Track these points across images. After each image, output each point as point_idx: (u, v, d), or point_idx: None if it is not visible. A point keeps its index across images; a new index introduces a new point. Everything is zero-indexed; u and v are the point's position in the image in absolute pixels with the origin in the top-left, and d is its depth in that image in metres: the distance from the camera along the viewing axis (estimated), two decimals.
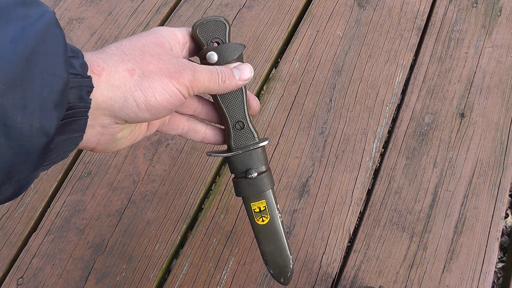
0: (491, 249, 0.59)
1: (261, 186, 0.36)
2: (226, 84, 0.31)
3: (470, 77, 0.71)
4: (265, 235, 0.37)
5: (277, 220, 0.37)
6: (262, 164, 0.36)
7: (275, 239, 0.37)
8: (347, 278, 0.58)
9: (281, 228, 0.37)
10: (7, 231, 0.60)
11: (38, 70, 0.21)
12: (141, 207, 0.62)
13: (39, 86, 0.21)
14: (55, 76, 0.22)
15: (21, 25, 0.21)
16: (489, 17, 0.76)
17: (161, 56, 0.28)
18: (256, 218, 0.37)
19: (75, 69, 0.24)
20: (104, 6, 0.79)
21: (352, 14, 0.77)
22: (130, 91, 0.27)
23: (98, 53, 0.27)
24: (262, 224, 0.37)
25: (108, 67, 0.26)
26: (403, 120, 0.68)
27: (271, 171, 0.38)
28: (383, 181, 0.64)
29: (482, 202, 0.62)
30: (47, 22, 0.22)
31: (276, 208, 0.37)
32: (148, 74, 0.27)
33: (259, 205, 0.36)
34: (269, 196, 0.36)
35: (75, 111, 0.24)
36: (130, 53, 0.27)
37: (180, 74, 0.28)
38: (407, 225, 0.61)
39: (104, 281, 0.58)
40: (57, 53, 0.22)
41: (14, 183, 0.22)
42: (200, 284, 0.58)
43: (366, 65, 0.72)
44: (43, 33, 0.22)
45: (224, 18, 0.33)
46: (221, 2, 0.79)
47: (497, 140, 0.66)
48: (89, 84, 0.25)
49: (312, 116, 0.68)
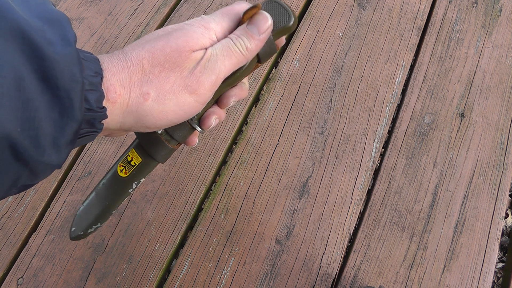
0: (491, 249, 0.59)
1: (154, 148, 0.32)
2: (251, 49, 0.27)
3: (470, 77, 0.71)
4: (109, 184, 0.34)
5: (129, 184, 0.34)
6: (177, 138, 0.32)
7: (112, 196, 0.34)
8: (347, 278, 0.58)
9: (125, 194, 0.34)
10: (7, 231, 0.60)
11: (51, 113, 0.21)
12: (141, 207, 0.62)
13: (52, 128, 0.21)
14: (68, 119, 0.21)
15: (40, 56, 0.20)
16: (489, 17, 0.76)
17: (182, 67, 0.26)
18: (121, 163, 0.34)
19: (89, 105, 0.23)
20: (104, 6, 0.79)
21: (352, 14, 0.77)
22: (141, 116, 0.26)
23: (119, 70, 0.25)
24: (118, 174, 0.34)
25: (124, 93, 0.25)
26: (403, 120, 0.68)
27: (175, 151, 0.35)
28: (383, 181, 0.64)
29: (482, 202, 0.62)
30: (67, 59, 0.21)
31: (142, 177, 0.34)
32: (164, 95, 0.26)
33: (135, 157, 0.33)
34: (149, 162, 0.33)
35: (85, 136, 0.24)
36: (150, 71, 0.26)
37: (199, 83, 0.26)
38: (407, 225, 0.61)
39: (104, 281, 0.58)
40: (72, 97, 0.21)
41: (20, 187, 0.23)
42: (200, 284, 0.58)
43: (366, 65, 0.72)
44: (61, 72, 0.21)
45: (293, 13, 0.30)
46: (221, 2, 0.79)
47: (497, 140, 0.66)
48: (103, 117, 0.24)
49: (312, 116, 0.68)
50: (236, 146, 0.66)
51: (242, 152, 0.66)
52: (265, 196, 0.63)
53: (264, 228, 0.60)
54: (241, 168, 0.65)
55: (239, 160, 0.65)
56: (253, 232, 0.60)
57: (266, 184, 0.63)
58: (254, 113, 0.69)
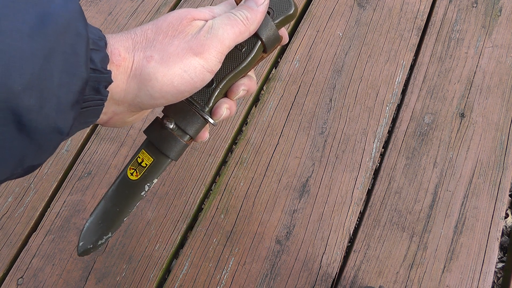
0: (491, 249, 0.59)
1: (166, 144, 0.31)
2: (250, 19, 0.28)
3: (470, 77, 0.71)
4: (119, 190, 0.32)
5: (141, 187, 0.32)
6: (190, 132, 0.31)
7: (123, 201, 0.32)
8: (347, 278, 0.58)
9: (137, 198, 0.32)
10: (7, 231, 0.60)
11: (56, 70, 0.20)
12: (141, 207, 0.62)
13: (56, 86, 0.20)
14: (74, 76, 0.21)
15: (41, 12, 0.19)
16: (489, 17, 0.76)
17: (185, 33, 0.26)
18: (130, 166, 0.32)
19: (94, 64, 0.22)
20: (104, 6, 0.79)
21: (352, 14, 0.77)
22: (145, 80, 0.25)
23: (123, 39, 0.26)
24: (129, 177, 0.32)
25: (128, 57, 0.25)
26: (403, 120, 0.68)
27: (188, 147, 0.33)
28: (383, 181, 0.64)
29: (482, 202, 0.62)
30: (70, 14, 0.20)
31: (154, 178, 0.32)
32: (168, 57, 0.25)
33: (146, 158, 0.32)
34: (161, 161, 0.32)
35: (91, 102, 0.23)
36: (154, 38, 0.26)
37: (204, 47, 0.26)
38: (407, 225, 0.61)
39: (104, 281, 0.58)
40: (78, 52, 0.21)
41: (26, 168, 0.22)
42: (200, 284, 0.58)
43: (366, 65, 0.72)
44: (64, 28, 0.20)
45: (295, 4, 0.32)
46: (221, 2, 0.79)
47: (497, 140, 0.66)
48: (108, 80, 0.24)
49: (312, 116, 0.68)
50: (236, 146, 0.66)
51: (242, 152, 0.66)
52: (265, 196, 0.63)
53: (264, 228, 0.60)
54: (241, 168, 0.65)
55: (239, 160, 0.65)
56: (253, 232, 0.60)
57: (266, 184, 0.63)
58: (254, 113, 0.69)
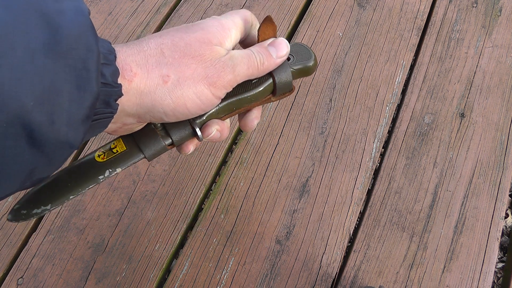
0: (491, 249, 0.59)
1: (145, 139, 0.30)
2: (265, 66, 0.29)
3: (470, 77, 0.71)
4: (80, 166, 0.31)
5: (102, 171, 0.30)
6: (173, 137, 0.30)
7: (78, 179, 0.30)
8: (347, 278, 0.58)
9: (93, 180, 0.30)
10: (7, 231, 0.60)
11: (67, 85, 0.19)
12: (141, 207, 0.62)
13: (67, 102, 0.20)
14: (85, 91, 0.20)
15: (53, 26, 0.19)
16: (489, 17, 0.76)
17: (203, 57, 0.26)
18: (101, 148, 0.31)
19: (105, 79, 0.22)
20: (104, 6, 0.79)
21: (352, 14, 0.77)
22: (160, 99, 0.25)
23: (135, 53, 0.25)
24: (95, 158, 0.31)
25: (141, 73, 0.25)
26: (403, 120, 0.68)
27: (164, 152, 0.33)
28: (383, 181, 0.64)
29: (482, 202, 0.62)
30: (81, 28, 0.20)
31: (119, 167, 0.31)
32: (184, 80, 0.25)
33: (120, 146, 0.31)
34: (133, 153, 0.31)
35: (101, 115, 0.23)
36: (170, 55, 0.26)
37: (219, 77, 0.26)
38: (407, 225, 0.61)
39: (104, 281, 0.58)
40: (89, 67, 0.20)
41: (35, 180, 0.22)
42: (200, 284, 0.58)
43: (366, 65, 0.72)
44: (76, 43, 0.20)
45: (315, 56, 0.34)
46: (221, 2, 0.79)
47: (497, 140, 0.66)
48: (119, 93, 0.23)
49: (312, 116, 0.68)
50: (236, 146, 0.66)
51: (242, 152, 0.66)
52: (265, 196, 0.63)
53: (264, 228, 0.60)
54: (241, 168, 0.65)
55: (239, 160, 0.65)
56: (253, 232, 0.60)
57: (266, 184, 0.63)
58: None
